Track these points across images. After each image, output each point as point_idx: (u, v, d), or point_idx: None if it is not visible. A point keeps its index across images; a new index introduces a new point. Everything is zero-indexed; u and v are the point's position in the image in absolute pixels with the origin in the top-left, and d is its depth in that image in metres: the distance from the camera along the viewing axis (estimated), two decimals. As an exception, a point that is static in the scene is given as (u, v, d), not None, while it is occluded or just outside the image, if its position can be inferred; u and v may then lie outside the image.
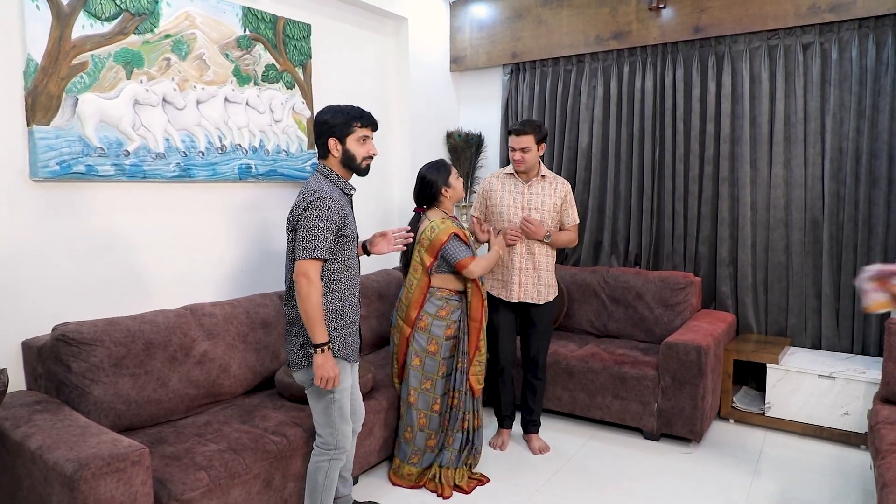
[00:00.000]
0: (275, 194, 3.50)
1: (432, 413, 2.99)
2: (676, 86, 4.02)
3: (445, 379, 3.00)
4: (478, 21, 4.64)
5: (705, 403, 3.32)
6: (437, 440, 3.01)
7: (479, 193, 3.40)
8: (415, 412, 2.98)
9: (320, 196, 2.22)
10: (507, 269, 3.25)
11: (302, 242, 2.19)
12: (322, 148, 2.36)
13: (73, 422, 2.13)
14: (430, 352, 2.96)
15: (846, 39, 3.55)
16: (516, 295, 3.25)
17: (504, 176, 3.32)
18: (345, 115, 2.33)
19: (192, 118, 2.99)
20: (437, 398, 2.99)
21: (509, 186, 3.28)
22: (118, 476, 1.87)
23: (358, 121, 2.35)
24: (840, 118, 3.61)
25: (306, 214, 2.20)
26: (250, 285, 3.37)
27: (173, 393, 2.61)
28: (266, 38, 3.33)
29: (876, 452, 2.48)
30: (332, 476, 2.42)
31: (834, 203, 3.65)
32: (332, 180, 2.35)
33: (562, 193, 3.29)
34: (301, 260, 2.18)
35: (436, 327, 2.95)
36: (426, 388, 2.98)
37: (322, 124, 2.33)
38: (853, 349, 3.67)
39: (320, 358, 2.21)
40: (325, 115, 2.35)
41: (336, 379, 2.24)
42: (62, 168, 2.51)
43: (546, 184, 3.28)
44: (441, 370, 2.97)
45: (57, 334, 2.37)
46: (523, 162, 3.18)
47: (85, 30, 2.57)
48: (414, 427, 2.98)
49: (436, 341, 2.95)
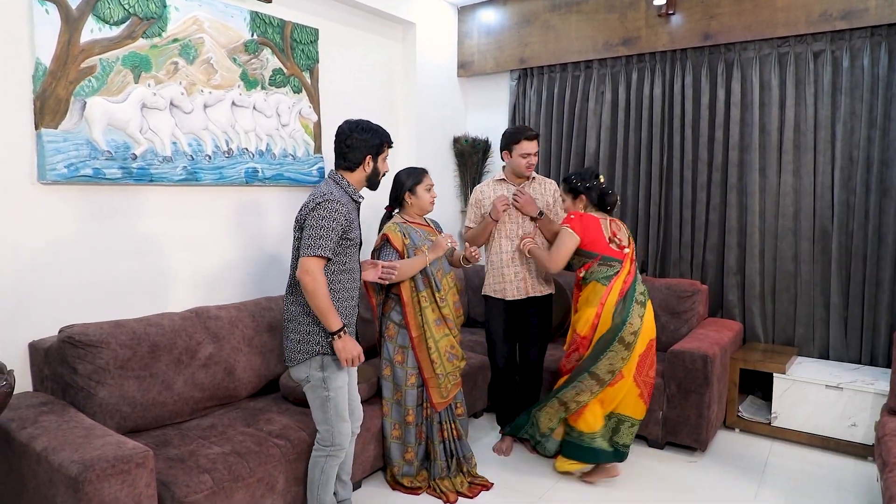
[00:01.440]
0: (281, 198, 3.51)
1: (406, 424, 2.93)
2: (685, 92, 4.00)
3: (417, 389, 2.93)
4: (486, 26, 4.64)
5: (711, 412, 3.30)
6: (416, 453, 2.96)
7: (471, 204, 3.38)
8: (388, 423, 2.95)
9: (329, 198, 2.30)
10: (508, 266, 3.26)
11: (307, 240, 2.26)
12: (353, 161, 2.44)
13: (79, 423, 2.15)
14: (397, 361, 2.91)
15: (858, 47, 3.52)
16: (522, 290, 3.27)
17: (494, 183, 3.35)
18: (378, 135, 2.48)
19: (200, 122, 3.01)
20: (410, 409, 2.92)
21: (502, 191, 3.31)
22: (122, 478, 1.88)
23: (388, 141, 2.52)
24: (851, 127, 3.58)
25: (314, 214, 2.28)
26: (256, 289, 3.38)
27: (178, 395, 2.62)
28: (274, 42, 3.34)
29: (883, 465, 2.46)
30: (329, 472, 2.46)
31: (843, 212, 3.62)
32: (343, 187, 2.44)
33: (552, 192, 3.37)
34: (305, 257, 2.25)
35: (401, 336, 2.90)
36: (397, 399, 2.93)
37: (361, 141, 2.44)
38: (861, 360, 3.64)
39: (340, 342, 2.31)
40: (364, 134, 2.44)
41: (360, 356, 2.34)
42: (70, 171, 2.53)
43: (536, 185, 3.35)
44: (409, 380, 2.90)
45: (63, 336, 2.39)
46: (533, 166, 3.25)
47: (93, 34, 2.59)
48: (388, 438, 2.95)
49: (401, 350, 2.90)
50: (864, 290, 3.60)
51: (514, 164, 3.26)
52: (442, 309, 2.92)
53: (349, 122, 2.48)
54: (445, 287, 2.95)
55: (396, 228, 2.89)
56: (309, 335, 2.36)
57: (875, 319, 3.58)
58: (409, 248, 2.88)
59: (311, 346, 2.36)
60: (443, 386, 2.92)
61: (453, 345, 2.97)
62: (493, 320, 3.33)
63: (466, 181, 4.81)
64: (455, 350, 2.98)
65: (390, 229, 2.89)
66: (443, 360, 2.91)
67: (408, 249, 2.87)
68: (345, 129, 2.46)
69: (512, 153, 3.24)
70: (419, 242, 2.90)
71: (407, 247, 2.87)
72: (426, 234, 2.97)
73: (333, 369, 2.38)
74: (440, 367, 2.90)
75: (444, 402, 2.95)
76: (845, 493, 2.96)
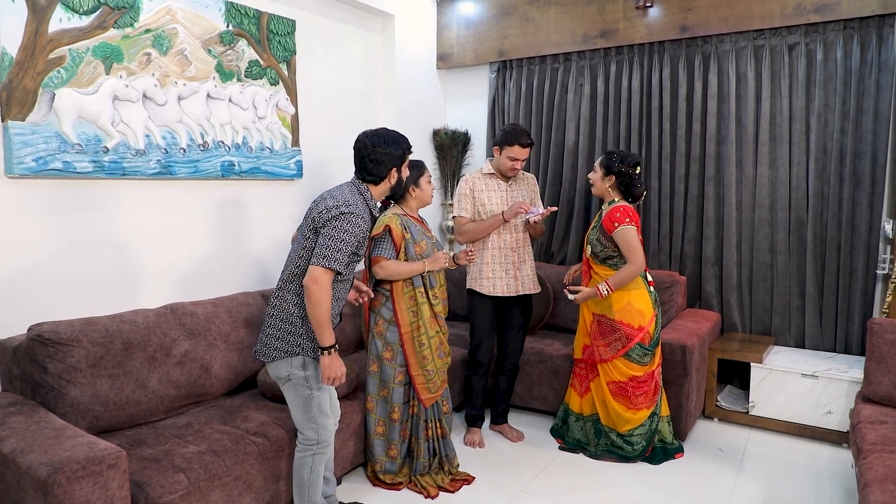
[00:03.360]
0: (258, 192, 3.46)
1: (391, 422, 2.91)
2: (663, 85, 4.02)
3: (405, 387, 2.91)
4: (465, 18, 4.62)
5: (690, 402, 3.33)
6: (399, 451, 2.94)
7: (464, 194, 3.33)
8: (373, 419, 2.92)
9: (354, 211, 2.25)
10: (501, 264, 3.28)
11: (322, 250, 2.20)
12: (378, 175, 2.40)
13: (49, 424, 2.09)
14: (386, 358, 2.87)
15: (831, 40, 3.56)
16: (513, 287, 3.29)
17: (484, 176, 3.36)
18: (401, 145, 2.44)
19: (174, 114, 2.95)
20: (396, 406, 2.90)
21: (493, 186, 3.34)
22: (94, 480, 1.83)
23: (408, 147, 2.49)
24: (825, 118, 3.62)
25: (335, 223, 2.22)
26: (233, 284, 3.33)
27: (153, 394, 2.57)
28: (250, 33, 3.28)
29: (858, 452, 2.49)
30: (318, 470, 2.43)
31: (818, 203, 3.67)
32: (367, 200, 2.39)
33: (533, 186, 3.46)
34: (316, 266, 2.19)
35: (391, 333, 2.87)
36: (384, 396, 2.91)
37: (385, 155, 2.39)
38: (836, 348, 3.70)
39: (327, 359, 2.25)
40: (388, 147, 2.39)
41: (343, 377, 2.29)
42: (38, 165, 2.46)
43: (521, 180, 3.42)
44: (397, 377, 2.88)
45: (33, 334, 2.32)
46: (517, 171, 3.31)
47: (62, 23, 2.52)
48: (371, 434, 2.93)
49: (391, 348, 2.87)
50: (838, 279, 3.65)
51: (500, 163, 3.28)
52: (434, 306, 2.91)
53: (368, 134, 2.42)
54: (438, 284, 2.94)
55: (398, 220, 2.85)
56: (292, 335, 2.30)
57: (849, 308, 3.63)
58: (408, 242, 2.85)
59: (293, 346, 2.30)
60: (431, 382, 2.90)
61: (443, 342, 2.97)
62: (479, 316, 3.33)
63: (447, 174, 4.78)
64: (444, 346, 2.97)
65: (392, 220, 2.84)
66: (434, 356, 2.90)
67: (406, 243, 2.85)
68: (367, 143, 2.39)
69: (502, 152, 3.25)
70: (418, 238, 2.88)
71: (406, 241, 2.85)
72: (423, 230, 2.94)
73: (315, 367, 2.35)
74: (431, 363, 2.88)
75: (433, 398, 2.94)
76: (822, 480, 3.01)
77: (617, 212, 3.05)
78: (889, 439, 2.44)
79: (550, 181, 4.44)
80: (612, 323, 3.10)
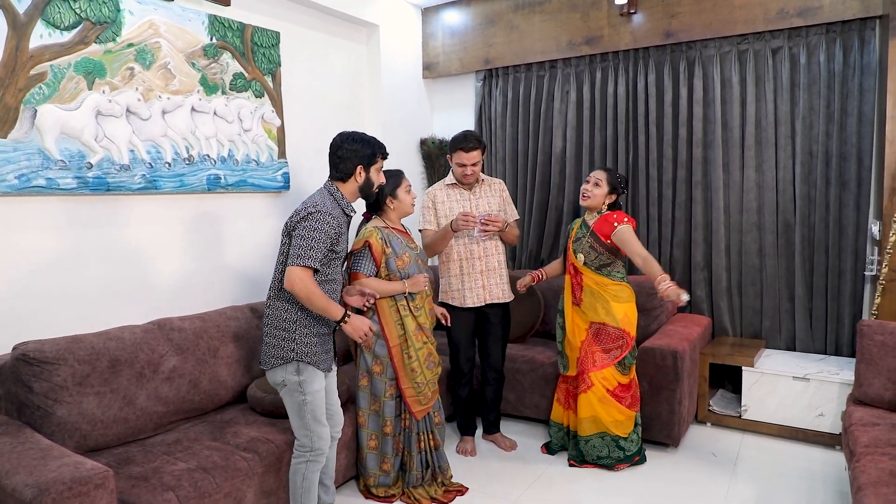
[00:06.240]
0: (245, 205, 3.44)
1: (384, 435, 2.88)
2: (649, 90, 4.04)
3: (396, 400, 2.89)
4: (450, 27, 4.63)
5: (682, 408, 3.33)
6: (392, 464, 2.92)
7: (427, 207, 3.30)
8: (365, 433, 2.89)
9: (321, 209, 2.33)
10: (469, 275, 3.25)
11: (296, 250, 2.28)
12: (344, 172, 2.46)
13: (35, 444, 2.06)
14: (376, 372, 2.85)
15: (814, 44, 3.59)
16: (482, 297, 3.26)
17: (446, 187, 3.33)
18: (371, 146, 2.49)
19: (158, 128, 2.93)
20: (388, 420, 2.87)
21: (455, 196, 3.31)
22: (80, 500, 1.80)
23: (381, 152, 2.53)
24: (810, 122, 3.65)
25: (304, 224, 2.30)
26: (221, 298, 3.31)
27: (141, 411, 2.54)
28: (234, 46, 3.27)
29: (850, 455, 2.49)
30: (311, 478, 2.45)
31: (805, 206, 3.69)
32: (337, 199, 2.45)
33: (500, 192, 3.39)
34: (293, 266, 2.26)
35: (379, 346, 2.84)
36: (375, 410, 2.89)
37: (351, 151, 2.45)
38: (826, 350, 3.71)
39: (348, 326, 2.38)
40: (354, 144, 2.45)
41: (371, 328, 2.44)
42: (21, 182, 2.44)
43: (486, 187, 3.36)
44: (388, 391, 2.85)
45: (17, 354, 2.29)
46: (473, 175, 3.24)
47: (43, 39, 2.50)
48: (364, 448, 2.90)
49: (380, 361, 2.84)
50: (827, 281, 3.67)
51: (454, 171, 3.27)
52: (418, 318, 2.88)
53: (342, 133, 2.50)
54: (421, 296, 2.91)
55: (378, 235, 2.82)
56: (283, 341, 2.37)
57: (838, 310, 3.65)
58: (389, 256, 2.82)
59: (287, 352, 2.36)
60: (422, 394, 2.88)
61: (431, 352, 2.94)
62: (454, 327, 3.29)
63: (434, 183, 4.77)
64: (433, 357, 2.95)
65: (373, 235, 2.81)
66: (423, 368, 2.87)
67: (387, 258, 2.82)
68: (337, 140, 2.49)
69: (452, 160, 3.23)
70: (399, 251, 2.84)
71: (387, 255, 2.81)
72: (405, 241, 2.90)
73: (309, 373, 2.38)
74: (420, 375, 2.86)
75: (424, 410, 2.92)
76: (815, 483, 3.01)
77: (611, 216, 3.10)
78: (881, 441, 2.44)
79: (538, 187, 4.45)
80: (616, 331, 3.10)
